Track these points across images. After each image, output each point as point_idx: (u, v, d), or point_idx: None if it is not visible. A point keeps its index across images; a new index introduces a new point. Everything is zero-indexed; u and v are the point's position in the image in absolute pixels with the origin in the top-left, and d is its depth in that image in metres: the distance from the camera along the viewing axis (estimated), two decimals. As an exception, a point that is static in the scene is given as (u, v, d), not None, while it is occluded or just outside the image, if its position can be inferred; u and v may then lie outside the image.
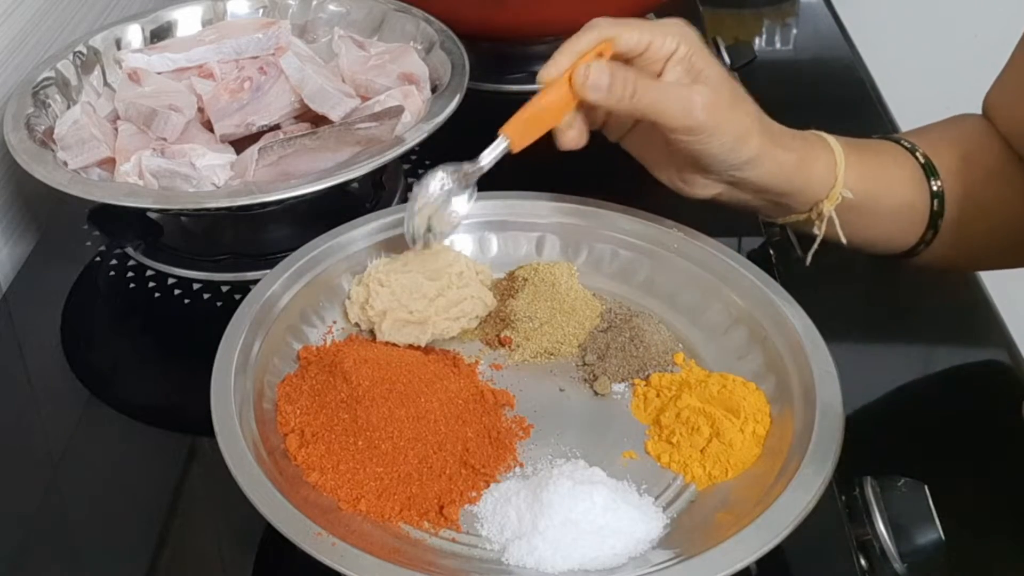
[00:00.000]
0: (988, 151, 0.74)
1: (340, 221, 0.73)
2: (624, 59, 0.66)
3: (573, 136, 0.67)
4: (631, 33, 0.65)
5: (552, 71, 0.65)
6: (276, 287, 0.67)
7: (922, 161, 0.73)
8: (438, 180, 0.68)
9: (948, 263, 0.76)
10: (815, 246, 0.72)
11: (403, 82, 0.86)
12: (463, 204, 0.69)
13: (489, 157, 0.67)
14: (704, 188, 0.69)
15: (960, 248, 0.74)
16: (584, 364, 0.68)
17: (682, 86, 0.65)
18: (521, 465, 0.61)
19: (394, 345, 0.67)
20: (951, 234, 0.73)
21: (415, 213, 0.68)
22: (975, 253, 0.76)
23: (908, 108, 1.06)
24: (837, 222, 0.70)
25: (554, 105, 0.66)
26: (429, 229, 0.69)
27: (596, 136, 0.70)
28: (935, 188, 0.72)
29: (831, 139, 0.71)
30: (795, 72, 1.19)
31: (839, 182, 0.69)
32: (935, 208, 0.72)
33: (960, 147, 0.74)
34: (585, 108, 0.67)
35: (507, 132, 0.66)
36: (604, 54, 0.65)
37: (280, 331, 0.66)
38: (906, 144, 0.74)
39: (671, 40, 0.65)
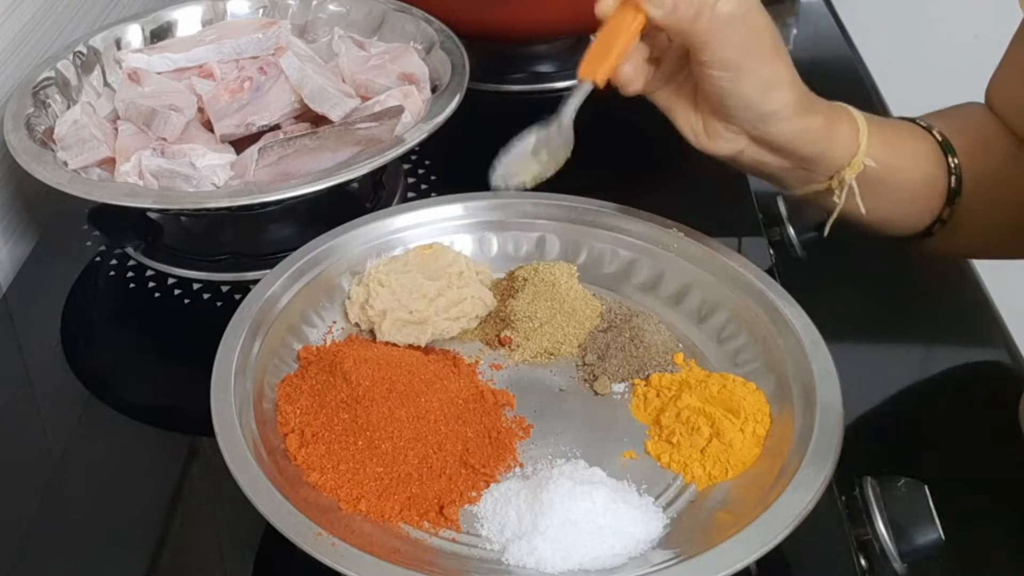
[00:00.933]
0: (1001, 139, 0.75)
1: (340, 221, 0.73)
2: None
3: (629, 72, 0.66)
4: None
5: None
6: (276, 287, 0.67)
7: (939, 139, 0.73)
8: (535, 134, 0.67)
9: (958, 249, 0.76)
10: (835, 215, 0.71)
11: (403, 82, 0.86)
12: (566, 148, 0.68)
13: (576, 100, 0.66)
14: (727, 142, 0.68)
15: (971, 232, 0.74)
16: (584, 364, 0.68)
17: (736, 16, 0.63)
18: (521, 465, 0.61)
19: (394, 345, 0.67)
20: (965, 215, 0.73)
21: (526, 158, 0.67)
22: (985, 238, 0.75)
23: (908, 108, 1.06)
24: (858, 192, 0.70)
25: (621, 28, 0.64)
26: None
27: (596, 136, 0.70)
28: (952, 165, 0.72)
29: (853, 109, 0.71)
30: (795, 72, 1.19)
31: (861, 150, 0.69)
32: (953, 185, 0.72)
33: (974, 133, 0.75)
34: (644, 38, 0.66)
35: (585, 74, 0.65)
36: None
37: (280, 331, 0.66)
38: (922, 123, 0.74)
39: None
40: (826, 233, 0.70)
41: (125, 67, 0.88)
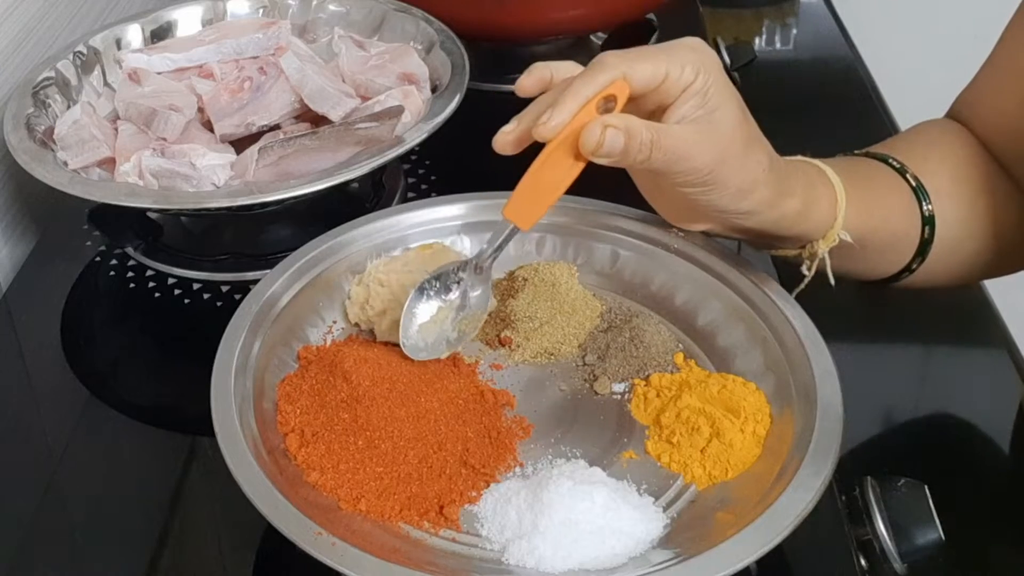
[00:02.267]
0: (975, 166, 0.72)
1: (340, 221, 0.73)
2: (636, 96, 0.59)
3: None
4: (645, 68, 0.58)
5: (554, 123, 0.57)
6: (276, 287, 0.67)
7: (913, 184, 0.70)
8: (451, 278, 0.65)
9: (930, 283, 0.74)
10: (802, 285, 0.68)
11: (403, 82, 0.86)
12: (486, 297, 0.66)
13: (496, 243, 0.63)
14: (696, 226, 0.67)
15: (943, 270, 0.72)
16: (584, 364, 0.68)
17: (696, 140, 0.59)
18: (521, 465, 0.61)
19: (394, 345, 0.67)
20: (939, 256, 0.71)
21: (438, 320, 0.64)
22: (962, 270, 0.73)
23: (908, 108, 1.06)
24: (828, 262, 0.67)
25: (558, 172, 0.58)
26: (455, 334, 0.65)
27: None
28: (927, 213, 0.69)
29: (832, 174, 0.67)
30: (795, 72, 1.19)
31: (838, 224, 0.65)
32: (926, 236, 0.70)
33: (948, 163, 0.72)
34: None
35: (510, 215, 0.60)
36: (617, 96, 0.58)
37: (280, 331, 0.66)
38: (895, 164, 0.71)
39: (689, 70, 0.58)
40: (792, 297, 0.66)
41: (125, 67, 0.88)
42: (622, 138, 0.56)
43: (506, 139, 0.59)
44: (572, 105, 0.57)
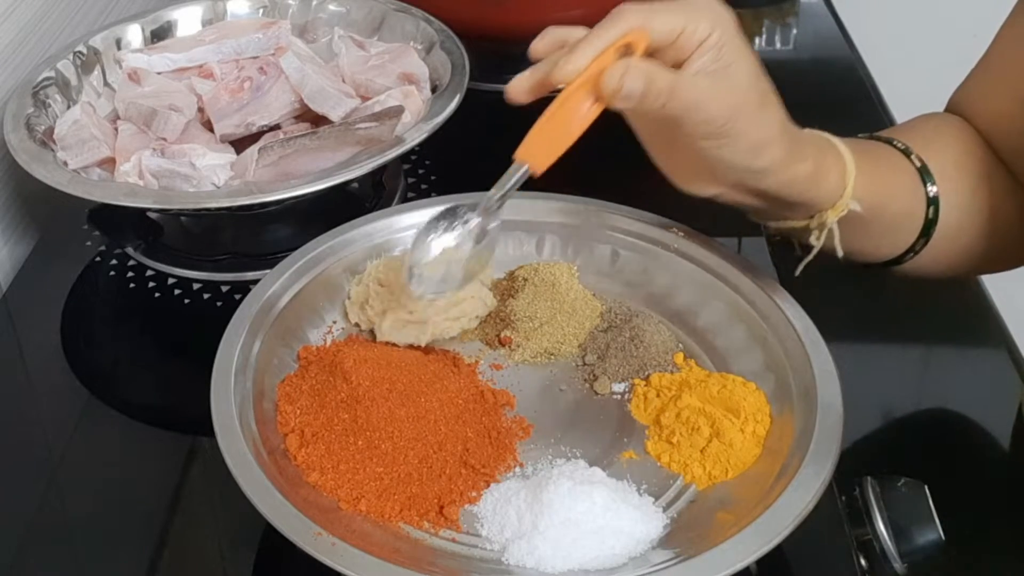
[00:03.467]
0: (976, 155, 0.72)
1: (340, 221, 0.73)
2: (655, 48, 0.59)
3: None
4: (663, 20, 0.58)
5: (573, 66, 0.57)
6: (276, 287, 0.67)
7: (918, 165, 0.70)
8: (460, 217, 0.63)
9: (931, 271, 0.74)
10: (810, 257, 0.68)
11: (403, 82, 0.86)
12: (494, 239, 0.64)
13: (508, 184, 0.60)
14: (705, 189, 0.66)
15: (946, 255, 0.72)
16: (584, 364, 0.68)
17: (713, 90, 0.59)
18: (521, 465, 0.61)
19: (394, 345, 0.67)
20: (941, 241, 0.71)
21: (444, 258, 0.62)
22: (960, 260, 0.73)
23: (908, 108, 1.06)
24: (837, 233, 0.67)
25: (576, 114, 0.58)
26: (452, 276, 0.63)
27: (596, 136, 0.69)
28: (931, 193, 0.70)
29: (841, 146, 0.67)
30: (795, 72, 1.19)
31: (847, 193, 0.66)
32: (930, 215, 0.70)
33: (951, 151, 0.72)
34: None
35: (524, 156, 0.59)
36: (635, 45, 0.58)
37: (280, 331, 0.66)
38: (899, 145, 0.72)
39: (705, 25, 0.58)
40: (797, 273, 0.66)
41: (125, 67, 0.88)
42: (641, 82, 0.56)
43: (521, 86, 0.60)
44: (591, 50, 0.57)
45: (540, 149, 0.58)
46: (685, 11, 0.59)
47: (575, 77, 0.57)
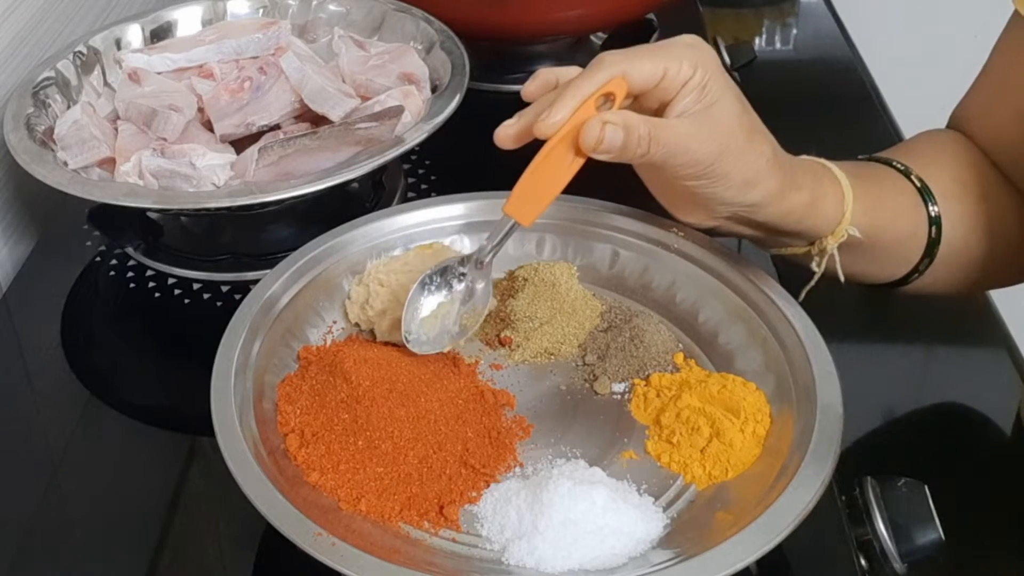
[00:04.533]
0: (979, 172, 0.72)
1: (340, 221, 0.73)
2: (637, 94, 0.60)
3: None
4: (644, 65, 0.59)
5: (554, 119, 0.57)
6: (276, 287, 0.67)
7: (918, 185, 0.70)
8: (452, 273, 0.65)
9: (937, 290, 0.74)
10: (812, 283, 0.69)
11: (403, 82, 0.86)
12: (487, 292, 0.66)
13: (497, 238, 0.63)
14: (703, 222, 0.66)
15: (951, 274, 0.72)
16: (584, 364, 0.68)
17: (695, 133, 0.59)
18: (521, 465, 0.61)
19: (394, 345, 0.67)
20: (946, 260, 0.71)
21: (439, 314, 0.64)
22: (965, 279, 0.73)
23: (908, 108, 1.06)
24: (838, 258, 0.67)
25: (559, 168, 0.58)
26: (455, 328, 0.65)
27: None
28: (933, 213, 0.70)
29: (837, 171, 0.67)
30: (795, 72, 1.19)
31: (846, 219, 0.66)
32: (933, 235, 0.70)
33: (952, 168, 0.72)
34: None
35: (511, 211, 0.60)
36: (616, 94, 0.59)
37: (280, 331, 0.66)
38: (899, 166, 0.71)
39: (687, 66, 0.59)
40: (800, 299, 0.66)
41: (125, 67, 0.88)
42: (621, 133, 0.57)
43: (507, 133, 0.60)
44: (571, 103, 0.58)
45: (526, 204, 0.60)
46: (666, 54, 0.59)
47: (557, 130, 0.58)
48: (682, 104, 0.59)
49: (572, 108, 0.58)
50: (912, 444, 0.72)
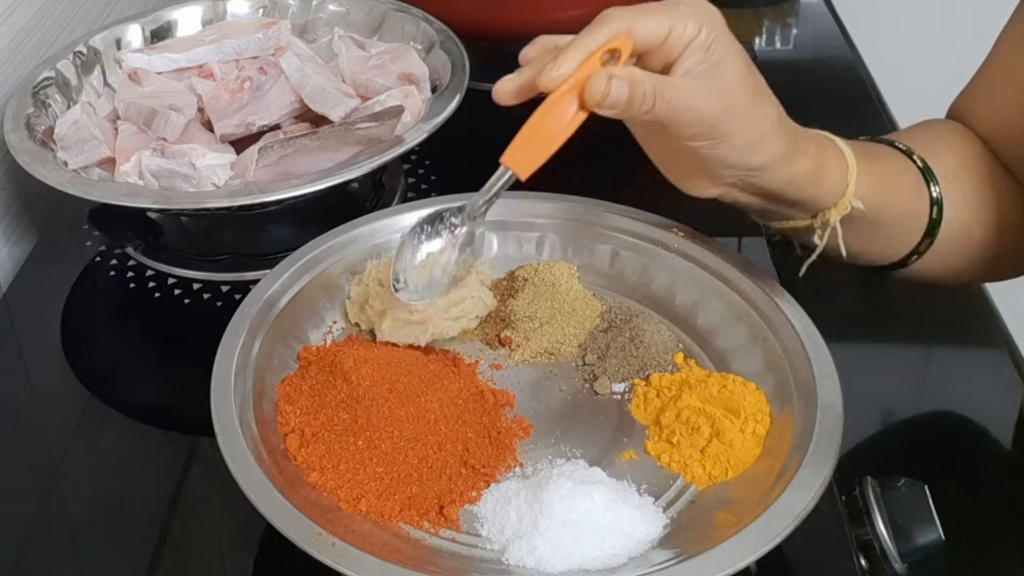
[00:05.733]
0: (979, 159, 0.72)
1: (340, 221, 0.73)
2: (642, 52, 0.60)
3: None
4: (649, 22, 0.58)
5: (557, 72, 0.57)
6: (276, 287, 0.67)
7: (920, 165, 0.70)
8: (445, 223, 0.64)
9: (935, 276, 0.74)
10: (813, 257, 0.68)
11: (403, 82, 0.86)
12: (480, 244, 0.64)
13: (493, 189, 0.61)
14: (706, 190, 0.65)
15: (951, 258, 0.72)
16: (584, 364, 0.68)
17: (700, 91, 0.59)
18: (521, 465, 0.61)
19: (394, 345, 0.67)
20: (945, 243, 0.71)
21: (429, 264, 0.63)
22: (964, 265, 0.73)
23: (908, 108, 1.06)
24: (840, 232, 0.67)
25: (561, 120, 0.58)
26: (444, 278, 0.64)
27: (596, 136, 0.69)
28: (934, 194, 0.70)
29: (842, 144, 0.67)
30: (795, 72, 1.19)
31: (849, 191, 0.65)
32: (934, 216, 0.70)
33: (953, 154, 0.72)
34: None
35: (509, 161, 0.59)
36: (620, 50, 0.58)
37: (280, 331, 0.66)
38: (901, 147, 0.71)
39: (692, 25, 0.58)
40: (801, 273, 0.66)
41: (125, 67, 0.88)
42: (626, 88, 0.57)
43: (507, 88, 0.60)
44: (576, 56, 0.57)
45: (525, 155, 0.59)
46: (671, 12, 0.59)
47: (560, 83, 0.57)
48: (687, 63, 0.59)
49: (577, 61, 0.57)
50: (912, 444, 0.72)
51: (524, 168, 0.59)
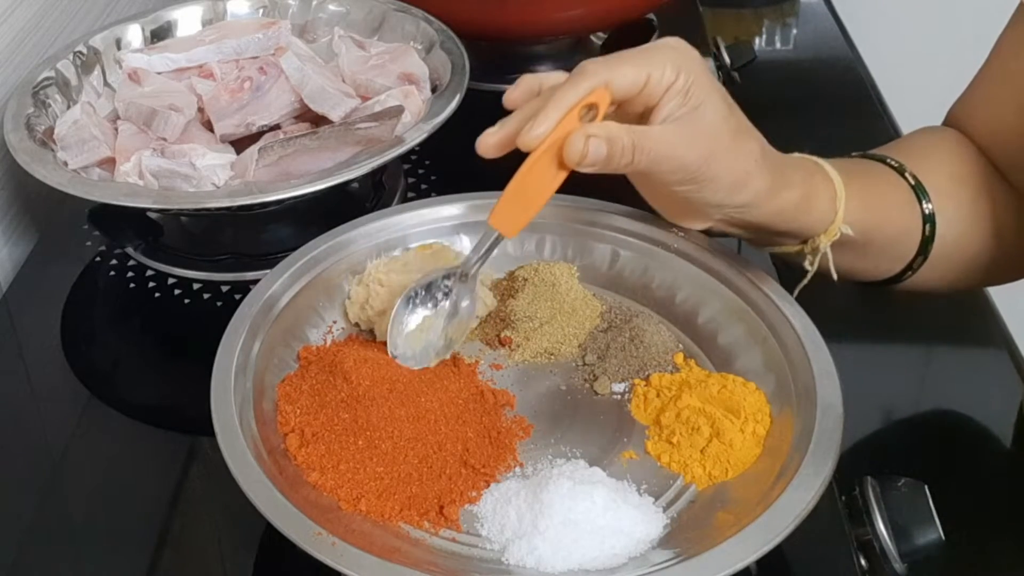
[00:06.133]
0: (974, 168, 0.72)
1: (340, 221, 0.73)
2: (620, 101, 0.60)
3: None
4: (627, 72, 0.58)
5: (537, 132, 0.57)
6: (276, 287, 0.67)
7: (912, 182, 0.70)
8: (439, 287, 0.65)
9: (932, 287, 0.74)
10: (804, 281, 0.68)
11: (403, 82, 0.86)
12: (473, 305, 0.65)
13: (482, 251, 0.63)
14: (695, 224, 0.67)
15: (946, 271, 0.72)
16: (584, 364, 0.68)
17: (679, 139, 0.59)
18: (521, 465, 0.61)
19: (394, 345, 0.67)
20: (940, 257, 0.71)
21: (424, 328, 0.64)
22: (960, 276, 0.73)
23: (908, 108, 1.06)
24: (830, 257, 0.67)
25: (543, 180, 0.58)
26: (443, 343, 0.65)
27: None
28: (927, 211, 0.70)
29: (829, 169, 0.67)
30: (795, 72, 1.19)
31: (839, 217, 0.66)
32: (927, 233, 0.70)
33: (948, 165, 0.72)
34: None
35: (496, 223, 0.60)
36: (599, 104, 0.58)
37: (280, 331, 0.66)
38: (893, 163, 0.71)
39: (670, 70, 0.58)
40: (794, 295, 0.66)
41: (125, 67, 0.88)
42: (604, 146, 0.57)
43: (489, 142, 0.60)
44: (555, 115, 0.57)
45: (511, 215, 0.60)
46: (648, 60, 0.59)
47: (540, 142, 0.57)
48: (667, 109, 0.59)
49: (555, 120, 0.57)
50: (912, 444, 0.72)
51: (510, 228, 0.61)
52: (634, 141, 0.58)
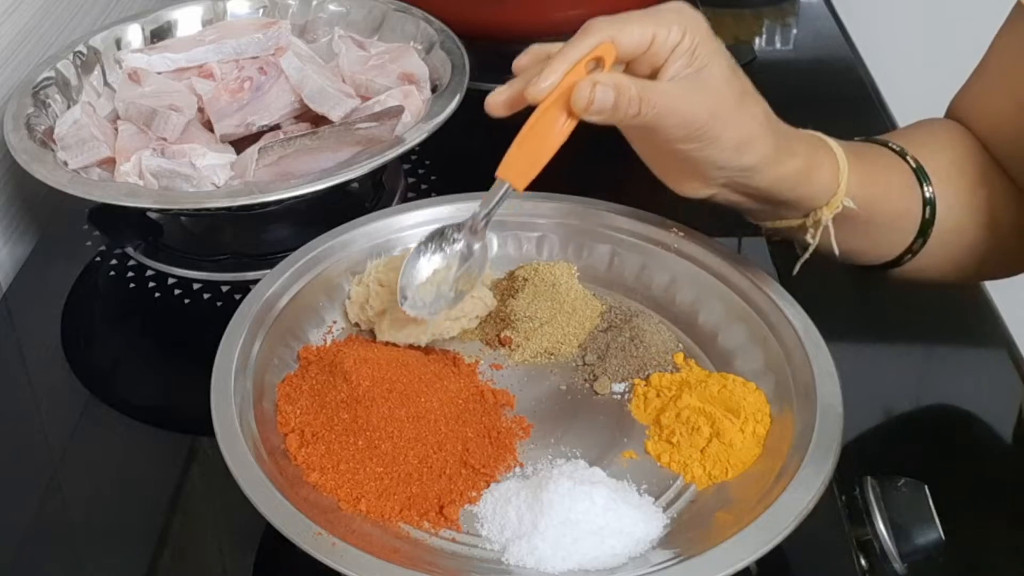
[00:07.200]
0: (974, 158, 0.72)
1: (340, 221, 0.73)
2: (627, 59, 0.61)
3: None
4: (633, 30, 0.59)
5: (544, 84, 0.58)
6: (276, 287, 0.67)
7: (913, 166, 0.71)
8: (448, 239, 0.64)
9: (930, 275, 0.74)
10: (806, 255, 0.69)
11: (403, 82, 0.86)
12: (483, 256, 0.65)
13: (492, 203, 0.62)
14: (698, 191, 0.66)
15: (943, 259, 0.72)
16: (584, 364, 0.68)
17: (685, 94, 0.60)
18: (521, 465, 0.61)
19: (394, 345, 0.67)
20: (939, 243, 0.71)
21: (435, 280, 0.64)
22: (959, 264, 0.73)
23: (908, 108, 1.06)
24: (832, 231, 0.67)
25: (551, 130, 0.59)
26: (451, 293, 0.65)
27: (596, 135, 0.69)
28: (927, 194, 0.70)
29: (833, 143, 0.68)
30: (795, 72, 1.19)
31: (841, 190, 0.66)
32: (927, 216, 0.70)
33: (948, 153, 0.72)
34: None
35: (504, 174, 0.60)
36: (604, 58, 0.59)
37: (280, 331, 0.66)
38: (895, 147, 0.72)
39: (676, 30, 0.59)
40: (795, 272, 0.66)
41: (125, 67, 0.88)
42: (611, 93, 0.57)
43: (497, 99, 0.60)
44: (561, 66, 0.58)
45: (520, 166, 0.60)
46: (655, 19, 0.60)
47: (547, 94, 0.58)
48: (672, 68, 0.60)
49: (562, 72, 0.58)
50: (912, 444, 0.72)
51: (520, 179, 0.60)
52: (640, 92, 0.58)
